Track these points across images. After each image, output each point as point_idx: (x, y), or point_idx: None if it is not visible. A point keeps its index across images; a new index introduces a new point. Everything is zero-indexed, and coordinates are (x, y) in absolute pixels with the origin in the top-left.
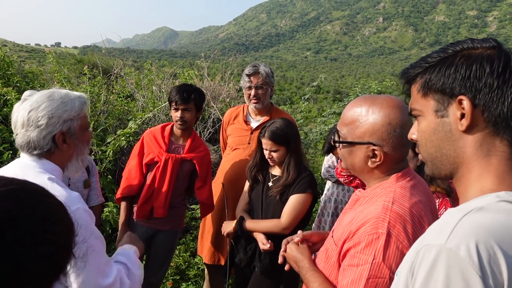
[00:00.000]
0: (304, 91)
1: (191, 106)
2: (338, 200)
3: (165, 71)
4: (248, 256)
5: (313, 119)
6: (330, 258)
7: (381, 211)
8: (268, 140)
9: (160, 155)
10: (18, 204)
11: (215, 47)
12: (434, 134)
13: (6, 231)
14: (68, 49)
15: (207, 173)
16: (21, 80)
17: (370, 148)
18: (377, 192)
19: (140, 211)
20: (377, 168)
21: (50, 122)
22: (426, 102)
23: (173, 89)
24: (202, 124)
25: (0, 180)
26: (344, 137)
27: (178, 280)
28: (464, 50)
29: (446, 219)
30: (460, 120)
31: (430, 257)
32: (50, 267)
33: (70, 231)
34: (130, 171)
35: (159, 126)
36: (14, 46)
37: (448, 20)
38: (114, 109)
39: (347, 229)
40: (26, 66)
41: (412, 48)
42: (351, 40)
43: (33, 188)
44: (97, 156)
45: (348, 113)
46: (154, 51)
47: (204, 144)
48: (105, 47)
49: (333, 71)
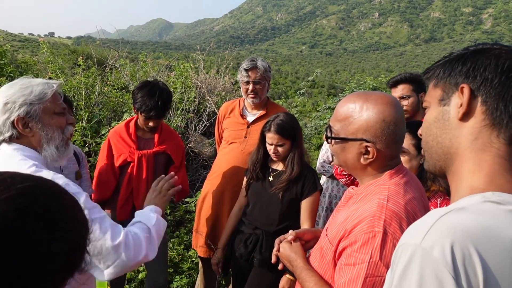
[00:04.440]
0: (299, 85)
1: (164, 116)
2: (332, 195)
3: (160, 63)
4: (248, 250)
5: (307, 113)
6: (325, 256)
7: (376, 209)
8: (275, 134)
9: (132, 155)
10: (34, 201)
11: (211, 39)
12: (434, 122)
13: (21, 228)
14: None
15: (181, 159)
16: (15, 70)
17: (363, 145)
18: (371, 190)
19: (121, 212)
20: (370, 165)
21: (6, 108)
22: (435, 93)
23: (142, 96)
24: (197, 118)
25: (17, 176)
26: (337, 133)
27: (172, 273)
28: (480, 45)
29: (425, 219)
30: (458, 108)
31: (406, 256)
32: (64, 263)
33: (84, 228)
34: (101, 174)
35: (123, 124)
36: (7, 35)
37: (443, 16)
38: (109, 101)
39: (342, 228)
40: (19, 55)
41: (407, 44)
42: (347, 35)
43: (48, 185)
44: (91, 148)
45: (342, 109)
46: (149, 42)
47: (173, 130)
48: (99, 38)
49: (328, 66)
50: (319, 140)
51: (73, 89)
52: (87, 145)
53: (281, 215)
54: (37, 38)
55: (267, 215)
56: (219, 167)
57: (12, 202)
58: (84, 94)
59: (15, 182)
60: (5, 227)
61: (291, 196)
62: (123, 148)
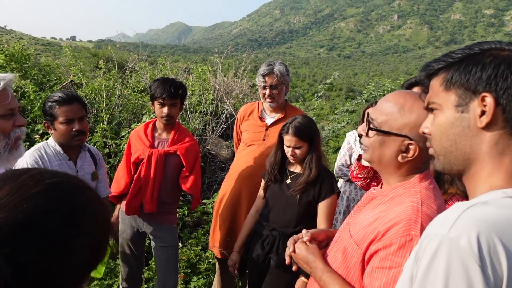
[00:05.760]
0: (316, 88)
1: (177, 101)
2: (350, 198)
3: (178, 66)
4: (265, 251)
5: (325, 116)
6: (350, 258)
7: (412, 212)
8: (293, 136)
9: (144, 152)
10: (61, 196)
11: (229, 43)
12: (451, 128)
13: (48, 222)
14: (83, 42)
15: (193, 163)
16: (38, 73)
17: (405, 142)
18: (399, 192)
19: (129, 207)
20: (405, 165)
21: None
22: (448, 97)
23: (157, 84)
24: (215, 120)
25: (45, 172)
26: (379, 125)
27: (189, 274)
28: (492, 49)
29: (450, 211)
30: (480, 117)
31: (433, 246)
32: (88, 257)
33: (107, 223)
34: (118, 171)
35: (143, 125)
36: (30, 39)
37: (464, 18)
38: (129, 103)
39: (373, 230)
40: (42, 59)
41: (427, 47)
42: (365, 38)
43: (74, 181)
44: (111, 149)
45: (388, 104)
46: (168, 46)
47: (190, 134)
48: (120, 41)
49: (346, 69)
50: (337, 143)
51: (94, 92)
52: (107, 146)
53: (298, 217)
54: (60, 42)
55: (284, 217)
56: (237, 168)
57: (41, 197)
58: (105, 97)
59: (44, 178)
60: (34, 220)
61: (308, 198)
62: (139, 146)
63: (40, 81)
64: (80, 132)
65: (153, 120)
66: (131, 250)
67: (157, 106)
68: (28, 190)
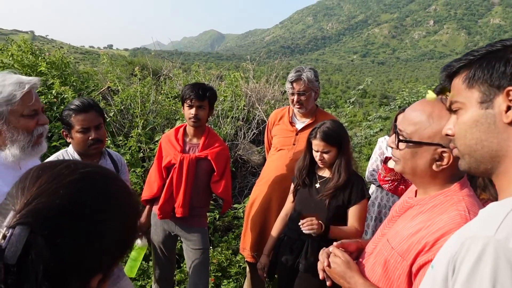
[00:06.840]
0: (349, 94)
1: (205, 104)
2: (382, 204)
3: (211, 73)
4: (294, 255)
5: (358, 123)
6: (392, 271)
7: (461, 221)
8: (321, 141)
9: (176, 157)
10: (93, 184)
11: (261, 50)
12: (476, 126)
13: (81, 207)
14: (119, 51)
15: (224, 168)
16: (77, 80)
17: (438, 150)
18: (440, 200)
19: (162, 211)
20: (440, 173)
21: None
22: (470, 94)
23: (187, 87)
24: (246, 125)
25: (79, 163)
26: (409, 137)
27: (220, 277)
28: (507, 42)
29: (492, 212)
30: (506, 112)
31: (477, 248)
32: (118, 243)
33: (135, 210)
34: (150, 175)
35: (173, 129)
36: (70, 48)
37: (504, 23)
38: (163, 109)
39: (419, 240)
40: (80, 66)
41: (464, 52)
42: (400, 44)
43: (105, 171)
44: (145, 153)
45: (415, 113)
46: (201, 53)
47: (220, 139)
48: (154, 50)
49: (380, 75)
50: (370, 150)
51: (129, 98)
52: (142, 150)
53: (327, 221)
54: (97, 50)
55: None
56: (268, 173)
57: (75, 185)
58: (139, 102)
59: (78, 167)
60: (68, 206)
61: (337, 203)
62: (170, 150)
63: (79, 88)
64: (97, 141)
65: (184, 125)
66: (163, 253)
67: (186, 108)
68: (64, 178)
